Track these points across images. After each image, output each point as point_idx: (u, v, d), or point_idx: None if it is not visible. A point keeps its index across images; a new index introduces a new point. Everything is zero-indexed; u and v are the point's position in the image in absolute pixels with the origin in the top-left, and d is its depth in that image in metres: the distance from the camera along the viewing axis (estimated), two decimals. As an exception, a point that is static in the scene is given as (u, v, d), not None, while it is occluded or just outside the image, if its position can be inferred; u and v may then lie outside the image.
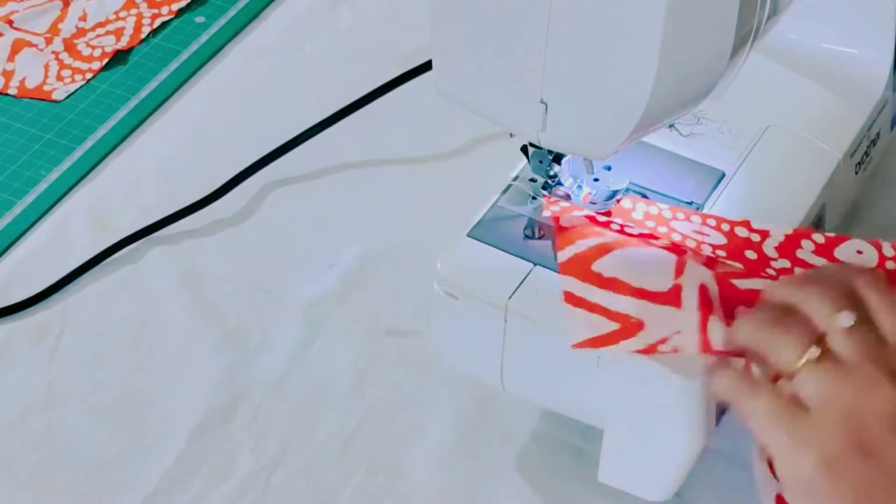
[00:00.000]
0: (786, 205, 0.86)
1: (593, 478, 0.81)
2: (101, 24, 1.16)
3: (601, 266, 0.78)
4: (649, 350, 0.75)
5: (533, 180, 0.83)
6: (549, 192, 0.83)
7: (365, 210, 1.01)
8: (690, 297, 0.76)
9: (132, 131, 1.08)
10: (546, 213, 0.81)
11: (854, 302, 0.71)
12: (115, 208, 1.02)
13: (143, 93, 1.10)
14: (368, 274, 0.96)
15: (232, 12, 1.17)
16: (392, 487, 0.85)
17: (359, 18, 1.18)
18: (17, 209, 1.01)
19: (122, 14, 1.17)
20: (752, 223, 0.78)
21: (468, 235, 0.82)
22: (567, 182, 0.83)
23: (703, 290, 0.76)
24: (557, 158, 0.81)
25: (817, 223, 0.88)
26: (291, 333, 0.93)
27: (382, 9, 1.18)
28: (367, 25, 1.17)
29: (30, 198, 1.02)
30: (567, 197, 0.83)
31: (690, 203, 0.85)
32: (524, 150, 0.82)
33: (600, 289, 0.77)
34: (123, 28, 1.15)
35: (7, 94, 1.11)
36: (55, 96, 1.10)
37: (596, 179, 0.84)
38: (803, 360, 0.69)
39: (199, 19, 1.17)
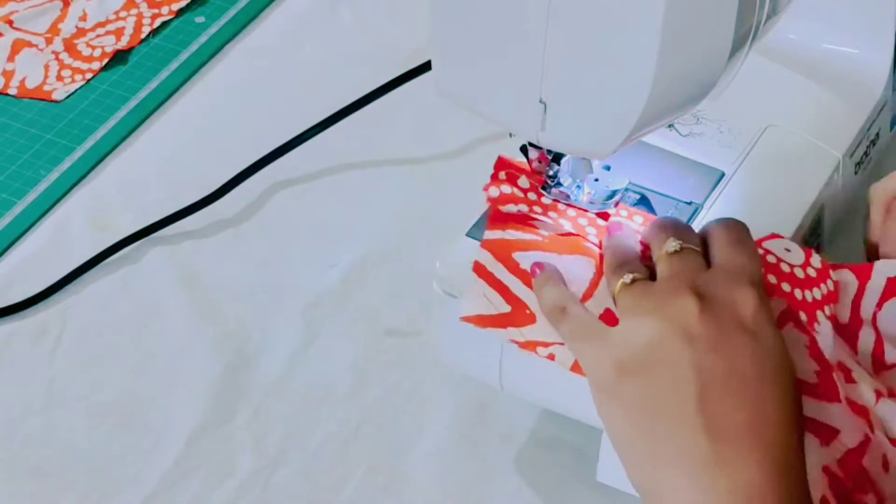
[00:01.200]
0: (785, 205, 0.86)
1: (592, 478, 0.81)
2: (101, 24, 1.16)
3: (521, 257, 0.79)
4: (527, 346, 0.76)
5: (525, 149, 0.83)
6: (549, 192, 0.83)
7: (365, 210, 1.01)
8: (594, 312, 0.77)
9: (132, 131, 1.08)
10: (491, 192, 0.81)
11: (693, 236, 0.75)
12: (115, 208, 1.02)
13: (143, 93, 1.10)
14: (368, 274, 0.96)
15: (232, 12, 1.17)
16: (392, 488, 0.85)
17: (359, 19, 1.18)
18: (17, 209, 1.01)
19: (122, 14, 1.17)
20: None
21: (467, 235, 0.82)
22: (566, 182, 0.83)
23: (609, 313, 0.76)
24: (557, 158, 0.81)
25: (816, 223, 0.88)
26: (291, 333, 0.93)
27: (382, 9, 1.18)
28: (367, 25, 1.17)
29: (30, 198, 1.02)
30: (566, 196, 0.83)
31: (690, 203, 0.86)
32: (524, 149, 0.82)
33: (511, 273, 0.78)
34: (123, 28, 1.15)
35: (7, 94, 1.11)
36: (55, 96, 1.10)
37: (595, 179, 0.84)
38: (618, 286, 0.74)
39: (199, 19, 1.17)
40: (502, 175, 0.83)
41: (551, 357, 0.75)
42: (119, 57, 1.14)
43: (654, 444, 0.68)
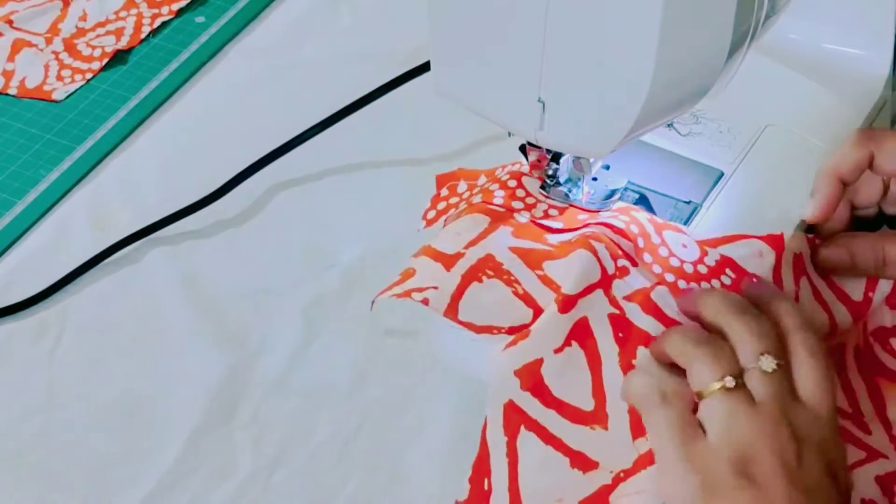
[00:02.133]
0: (784, 204, 0.86)
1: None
2: (101, 24, 1.16)
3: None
4: (405, 294, 0.77)
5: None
6: (548, 192, 0.83)
7: (365, 210, 1.01)
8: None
9: (132, 131, 1.08)
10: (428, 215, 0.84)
11: (779, 345, 0.74)
12: (115, 208, 1.02)
13: (143, 93, 1.10)
14: (368, 274, 0.96)
15: (232, 12, 1.17)
16: (392, 487, 0.85)
17: (359, 18, 1.18)
18: (18, 209, 1.01)
19: (122, 14, 1.17)
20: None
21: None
22: (565, 180, 0.83)
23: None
24: (556, 157, 0.81)
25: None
26: (291, 333, 0.93)
27: (382, 9, 1.18)
28: (367, 25, 1.17)
29: (30, 198, 1.02)
30: (566, 196, 0.83)
31: (689, 202, 0.86)
32: (523, 149, 0.83)
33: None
34: (123, 28, 1.16)
35: (7, 94, 1.11)
36: (55, 96, 1.10)
37: (594, 179, 0.84)
38: (717, 386, 0.72)
39: (199, 19, 1.17)
40: (444, 192, 0.84)
41: (425, 301, 0.76)
42: (119, 57, 1.14)
43: None
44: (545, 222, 0.82)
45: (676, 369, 0.74)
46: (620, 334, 0.77)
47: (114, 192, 1.03)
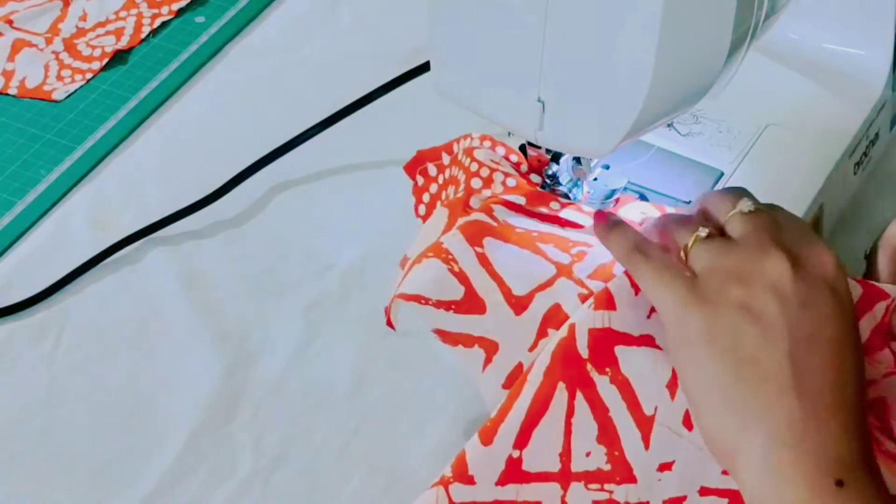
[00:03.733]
0: (784, 204, 0.86)
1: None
2: (101, 24, 1.16)
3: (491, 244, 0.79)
4: (449, 338, 0.77)
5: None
6: (548, 191, 0.83)
7: (365, 210, 1.01)
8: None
9: (132, 131, 1.08)
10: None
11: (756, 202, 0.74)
12: (115, 208, 1.02)
13: (143, 93, 1.10)
14: (368, 274, 0.96)
15: (232, 12, 1.17)
16: (392, 487, 0.85)
17: (359, 18, 1.18)
18: (18, 209, 1.01)
19: (122, 14, 1.17)
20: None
21: None
22: (565, 181, 0.83)
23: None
24: (556, 157, 0.82)
25: (816, 223, 0.88)
26: (291, 333, 0.93)
27: (382, 9, 1.18)
28: (367, 25, 1.17)
29: (30, 198, 1.02)
30: (565, 196, 0.83)
31: (689, 202, 0.86)
32: (523, 149, 0.83)
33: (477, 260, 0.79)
34: (123, 28, 1.16)
35: (7, 94, 1.11)
36: (55, 96, 1.10)
37: (594, 178, 0.84)
38: (692, 240, 0.72)
39: (199, 19, 1.17)
40: (420, 180, 0.86)
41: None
42: (119, 57, 1.14)
43: (738, 399, 0.68)
44: (508, 197, 0.82)
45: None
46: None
47: (114, 192, 1.03)
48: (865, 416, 0.68)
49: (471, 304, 0.77)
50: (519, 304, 0.77)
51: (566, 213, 0.81)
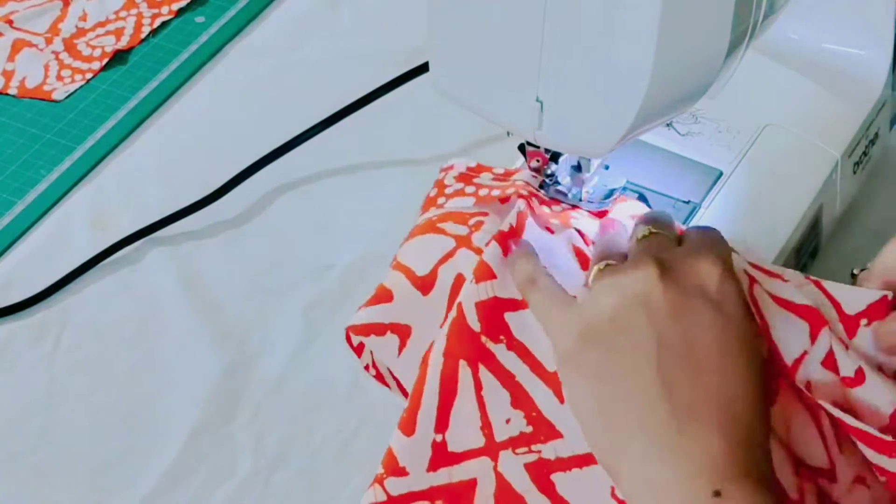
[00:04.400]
0: (783, 204, 0.86)
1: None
2: (101, 24, 1.16)
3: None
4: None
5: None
6: (547, 190, 0.83)
7: (365, 210, 1.01)
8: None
9: (132, 131, 1.08)
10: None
11: (674, 231, 0.75)
12: (115, 208, 1.02)
13: (143, 93, 1.10)
14: (368, 274, 0.96)
15: (232, 12, 1.17)
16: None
17: (359, 18, 1.18)
18: (17, 209, 1.01)
19: (122, 14, 1.17)
20: None
21: None
22: (564, 180, 0.83)
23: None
24: (555, 157, 0.81)
25: (814, 223, 0.88)
26: (291, 333, 0.93)
27: (382, 9, 1.18)
28: (367, 25, 1.17)
29: (30, 197, 1.02)
30: (564, 195, 0.83)
31: (688, 202, 0.86)
32: (521, 148, 0.82)
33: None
34: (123, 28, 1.16)
35: (7, 94, 1.11)
36: (55, 96, 1.10)
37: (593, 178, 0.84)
38: (592, 274, 0.73)
39: (199, 19, 1.17)
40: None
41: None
42: (119, 57, 1.14)
43: (614, 416, 0.68)
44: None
45: None
46: None
47: (114, 192, 1.03)
48: (761, 424, 0.67)
49: (378, 296, 0.78)
50: (425, 284, 0.78)
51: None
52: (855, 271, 0.78)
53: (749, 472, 0.65)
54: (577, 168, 0.82)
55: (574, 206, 0.83)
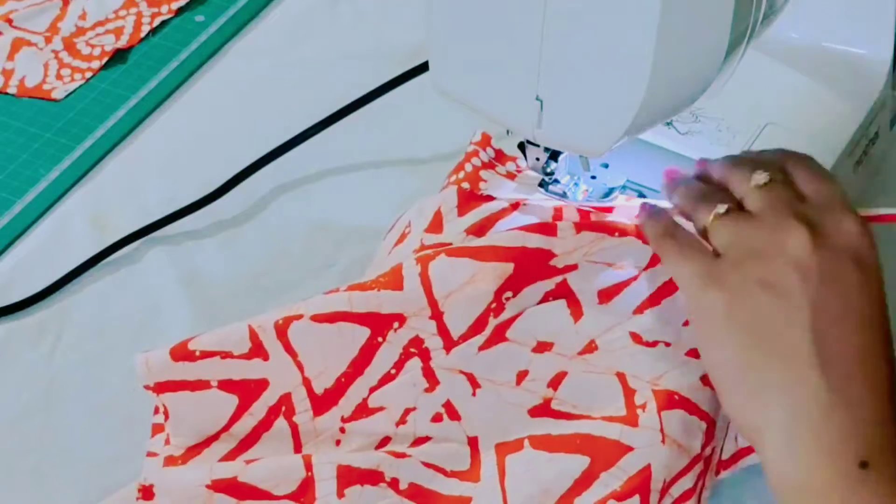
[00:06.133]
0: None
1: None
2: (100, 23, 1.16)
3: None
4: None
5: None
6: (546, 190, 0.83)
7: (365, 210, 1.01)
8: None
9: (132, 130, 1.08)
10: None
11: (776, 170, 0.74)
12: (114, 208, 1.02)
13: (143, 92, 1.10)
14: (368, 274, 0.96)
15: (232, 11, 1.17)
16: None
17: (359, 18, 1.18)
18: (17, 208, 1.01)
19: (122, 13, 1.17)
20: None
21: None
22: (564, 179, 0.83)
23: None
24: (554, 155, 0.81)
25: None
26: (291, 333, 0.93)
27: (383, 8, 1.18)
28: (367, 25, 1.17)
29: (29, 197, 1.01)
30: (564, 194, 0.83)
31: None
32: (521, 147, 0.83)
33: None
34: (123, 27, 1.15)
35: (6, 93, 1.11)
36: (55, 95, 1.10)
37: (593, 177, 0.84)
38: (711, 217, 0.73)
39: (199, 18, 1.17)
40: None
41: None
42: (119, 56, 1.14)
43: (760, 376, 0.67)
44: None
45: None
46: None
47: (113, 192, 1.03)
48: (894, 394, 0.67)
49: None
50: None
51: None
52: None
53: (893, 446, 0.65)
54: (577, 166, 0.82)
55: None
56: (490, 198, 0.84)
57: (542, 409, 0.77)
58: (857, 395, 0.66)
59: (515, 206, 0.83)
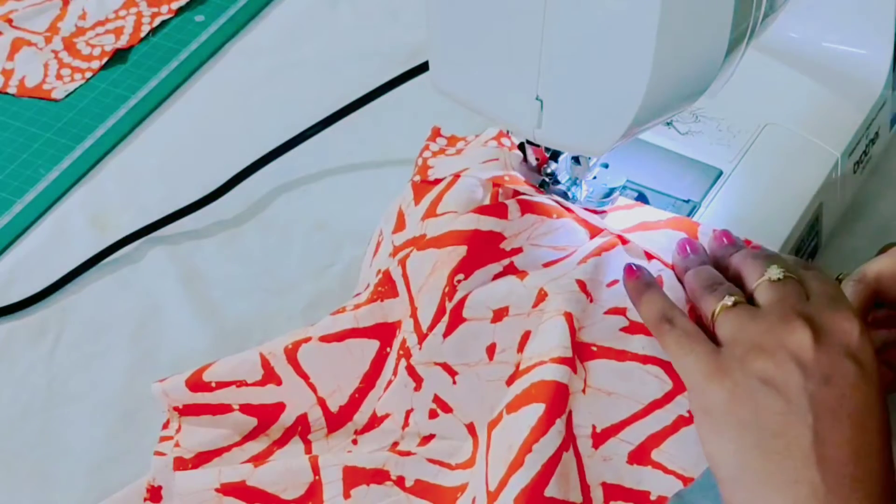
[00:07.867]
0: (783, 203, 0.86)
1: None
2: (100, 23, 1.16)
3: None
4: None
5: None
6: (547, 189, 0.83)
7: (365, 210, 1.01)
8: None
9: (132, 130, 1.08)
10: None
11: (790, 269, 0.75)
12: (114, 208, 1.02)
13: (143, 92, 1.10)
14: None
15: (231, 11, 1.17)
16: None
17: (359, 18, 1.18)
18: (17, 208, 1.01)
19: (122, 13, 1.17)
20: None
21: None
22: (564, 179, 0.83)
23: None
24: (554, 156, 0.81)
25: (814, 222, 0.88)
26: (291, 333, 0.93)
27: (383, 8, 1.18)
28: (367, 25, 1.17)
29: (29, 197, 1.02)
30: (564, 194, 0.83)
31: (688, 201, 0.86)
32: (521, 146, 0.83)
33: None
34: (123, 27, 1.15)
35: (6, 93, 1.11)
36: (55, 95, 1.10)
37: (593, 177, 0.84)
38: (719, 307, 0.73)
39: (199, 18, 1.17)
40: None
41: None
42: (119, 56, 1.14)
43: (760, 471, 0.69)
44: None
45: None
46: None
47: (113, 192, 1.03)
48: (891, 487, 0.68)
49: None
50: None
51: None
52: (840, 276, 0.79)
53: None
54: (577, 165, 0.82)
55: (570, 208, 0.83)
56: (438, 181, 0.85)
57: (516, 375, 0.78)
58: (853, 490, 0.67)
59: (457, 176, 0.84)
